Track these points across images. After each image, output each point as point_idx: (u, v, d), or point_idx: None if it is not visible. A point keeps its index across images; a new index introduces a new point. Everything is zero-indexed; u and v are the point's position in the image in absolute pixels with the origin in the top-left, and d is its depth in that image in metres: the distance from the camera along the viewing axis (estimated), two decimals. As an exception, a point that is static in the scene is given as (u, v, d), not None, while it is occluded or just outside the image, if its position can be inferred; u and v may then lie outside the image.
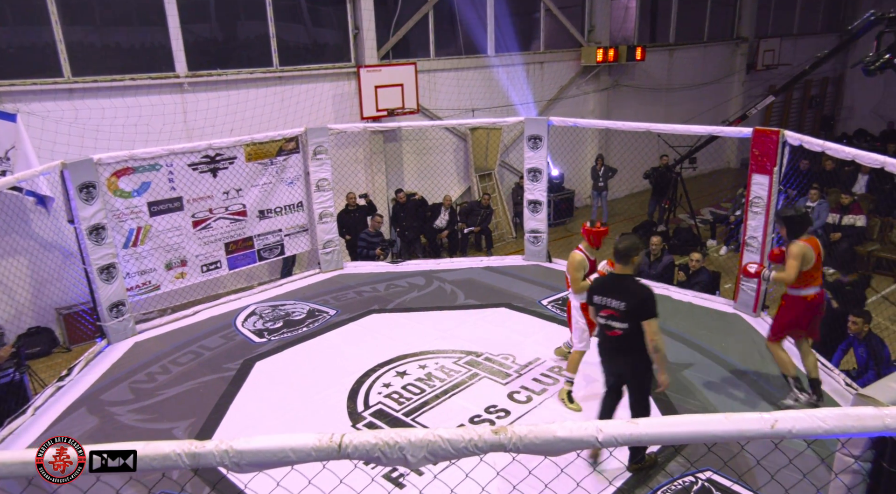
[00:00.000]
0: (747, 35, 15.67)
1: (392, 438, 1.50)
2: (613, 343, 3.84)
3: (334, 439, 1.51)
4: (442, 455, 1.51)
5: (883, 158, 4.38)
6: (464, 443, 1.50)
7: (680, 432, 1.51)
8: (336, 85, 9.40)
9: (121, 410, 4.81)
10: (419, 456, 1.51)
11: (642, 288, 3.71)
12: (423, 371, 5.26)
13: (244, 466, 1.51)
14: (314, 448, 1.50)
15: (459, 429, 1.52)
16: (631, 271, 3.78)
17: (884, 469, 1.55)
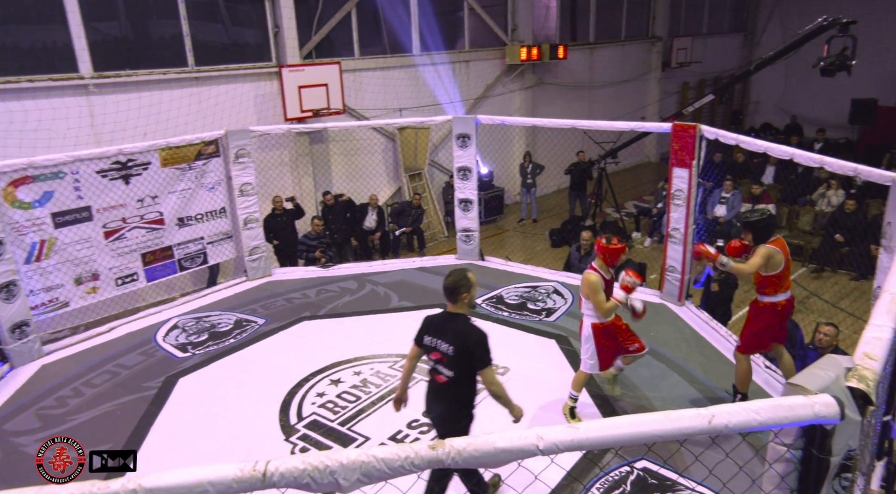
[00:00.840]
0: (661, 34, 16.31)
1: (322, 462, 1.40)
2: (436, 389, 3.40)
3: (258, 468, 1.39)
4: (377, 476, 1.42)
5: (791, 150, 4.60)
6: (399, 462, 1.41)
7: (621, 434, 1.48)
8: (257, 85, 9.07)
9: (26, 440, 4.42)
10: (352, 479, 1.41)
11: (473, 332, 3.22)
12: (358, 377, 5.13)
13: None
14: (235, 479, 1.37)
15: (394, 448, 1.43)
16: (464, 310, 3.31)
17: (813, 455, 1.57)
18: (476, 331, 3.23)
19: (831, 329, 4.84)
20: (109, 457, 2.52)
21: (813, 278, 9.28)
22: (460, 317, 3.30)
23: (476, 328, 3.26)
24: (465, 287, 3.26)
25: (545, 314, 6.24)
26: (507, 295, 6.69)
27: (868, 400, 1.59)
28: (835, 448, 1.55)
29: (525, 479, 3.13)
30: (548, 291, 6.77)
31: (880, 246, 4.15)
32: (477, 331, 3.24)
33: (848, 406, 1.54)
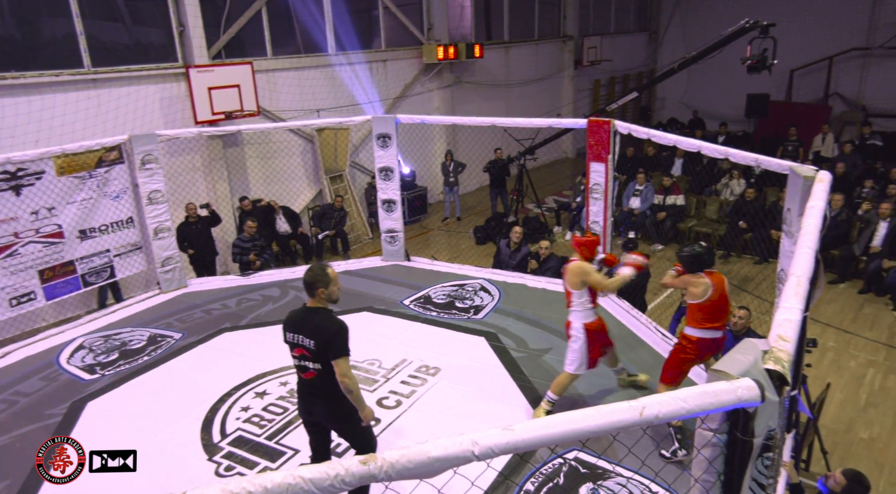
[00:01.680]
0: (572, 33, 16.80)
1: (244, 487, 1.29)
2: (308, 385, 3.41)
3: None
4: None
5: (699, 143, 4.82)
6: (329, 481, 1.33)
7: (556, 433, 1.46)
8: (163, 87, 8.59)
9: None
10: (279, 506, 1.31)
11: (333, 323, 3.26)
12: (284, 388, 4.94)
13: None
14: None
15: (323, 466, 1.34)
16: (323, 304, 3.35)
17: (738, 438, 1.62)
18: (335, 323, 3.28)
19: (744, 312, 5.12)
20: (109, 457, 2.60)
21: (722, 263, 9.81)
22: (320, 311, 3.33)
23: (335, 320, 3.30)
24: (322, 282, 3.29)
25: (473, 311, 6.25)
26: (435, 295, 6.66)
27: (784, 381, 1.65)
28: (757, 430, 1.61)
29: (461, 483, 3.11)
30: (475, 289, 6.80)
31: (781, 231, 4.42)
32: (335, 322, 3.28)
33: (767, 388, 1.59)
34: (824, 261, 9.30)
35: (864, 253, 8.63)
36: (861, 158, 11.59)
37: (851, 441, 5.54)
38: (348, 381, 3.26)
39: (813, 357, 6.88)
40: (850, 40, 16.63)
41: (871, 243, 8.56)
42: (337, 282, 3.36)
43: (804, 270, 2.27)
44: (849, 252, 8.78)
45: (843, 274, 8.84)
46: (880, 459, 5.31)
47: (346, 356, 3.24)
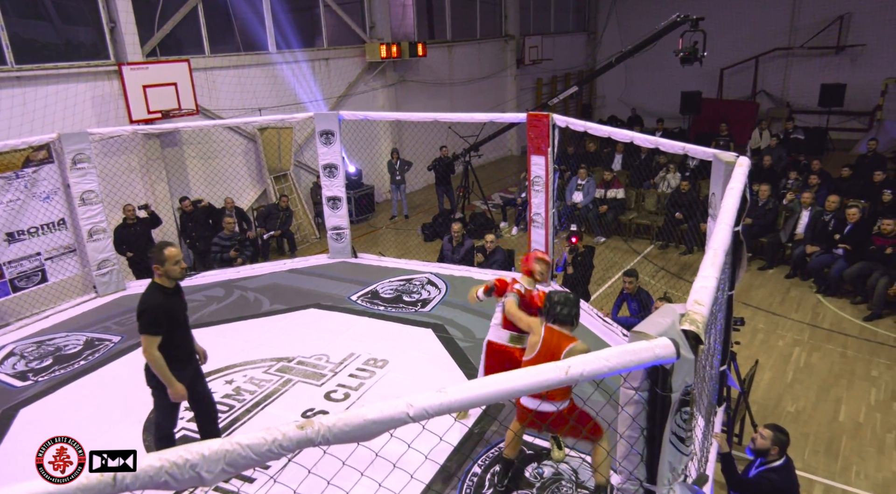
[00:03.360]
0: (514, 33, 17.09)
1: (181, 456, 1.31)
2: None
3: (106, 475, 1.27)
4: (243, 464, 1.36)
5: (631, 134, 5.03)
6: (267, 446, 1.36)
7: (488, 392, 1.53)
8: (94, 85, 8.30)
9: None
10: (216, 471, 1.33)
11: (144, 301, 3.50)
12: (230, 386, 4.88)
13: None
14: (80, 487, 1.25)
15: (260, 432, 1.38)
16: (163, 281, 3.56)
17: (658, 394, 1.74)
18: (145, 301, 3.51)
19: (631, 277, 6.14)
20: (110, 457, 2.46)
21: (660, 254, 10.20)
22: (149, 287, 3.62)
23: (146, 295, 3.54)
24: (157, 260, 3.55)
25: (420, 305, 6.31)
26: (383, 290, 6.69)
27: (699, 340, 1.78)
28: (674, 385, 1.72)
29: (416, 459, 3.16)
30: (422, 283, 6.86)
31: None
32: (146, 301, 3.51)
33: (682, 346, 1.71)
34: (755, 249, 9.79)
35: (789, 240, 9.13)
36: (786, 151, 12.25)
37: (780, 415, 5.87)
38: (147, 357, 3.51)
39: (744, 338, 7.27)
40: (774, 41, 17.54)
41: (796, 230, 9.07)
42: (175, 262, 3.57)
43: (721, 244, 2.42)
44: (776, 239, 9.27)
45: (771, 260, 9.32)
46: (805, 430, 5.65)
47: (146, 334, 3.48)
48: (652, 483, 1.82)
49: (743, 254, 4.04)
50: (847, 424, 5.72)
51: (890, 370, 6.55)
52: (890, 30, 15.98)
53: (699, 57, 8.74)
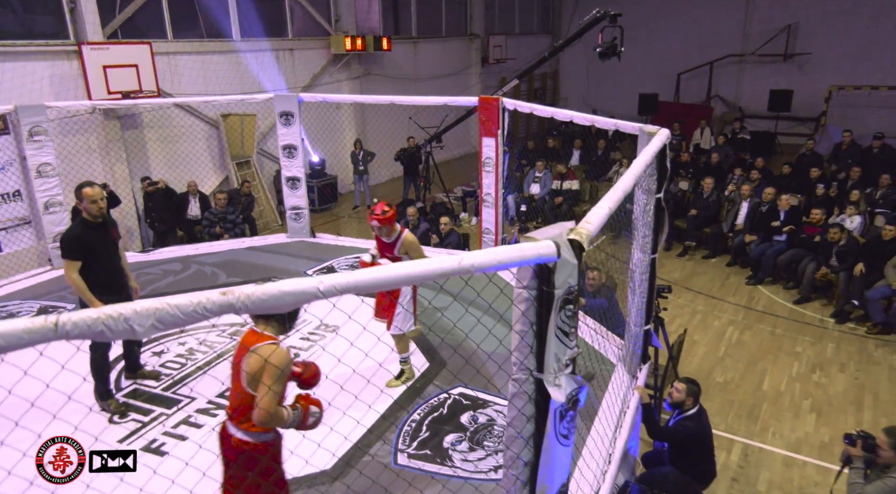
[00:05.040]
0: (478, 32, 17.46)
1: (116, 310, 1.52)
2: None
3: (49, 319, 1.49)
4: (171, 322, 1.57)
5: (571, 113, 5.36)
6: (192, 307, 1.58)
7: (392, 276, 1.78)
8: (53, 64, 8.32)
9: None
10: (146, 325, 1.55)
11: (65, 231, 4.25)
12: (183, 347, 5.04)
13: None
14: (25, 329, 1.46)
15: (189, 295, 1.60)
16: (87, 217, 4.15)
17: (543, 290, 2.01)
18: (67, 229, 4.23)
19: (595, 273, 6.03)
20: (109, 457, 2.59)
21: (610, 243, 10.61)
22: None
23: (70, 226, 4.26)
24: (76, 196, 4.17)
25: (374, 279, 6.54)
26: (338, 266, 6.90)
27: (582, 248, 2.06)
28: (557, 282, 2.00)
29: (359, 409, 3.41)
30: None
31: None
32: (67, 229, 4.22)
33: (564, 248, 1.99)
34: (699, 239, 10.20)
35: (730, 230, 9.63)
36: (732, 150, 12.84)
37: (709, 386, 6.26)
38: (67, 280, 4.06)
39: (683, 319, 7.69)
40: (728, 47, 18.28)
41: (736, 221, 9.57)
42: (92, 202, 4.08)
43: (622, 186, 2.73)
44: (718, 230, 9.76)
45: (714, 249, 9.81)
46: (731, 398, 6.06)
47: (64, 258, 4.05)
48: (540, 371, 2.09)
49: (664, 220, 4.39)
50: (769, 392, 6.14)
51: (813, 346, 7.02)
52: (835, 39, 16.83)
53: (617, 52, 9.20)
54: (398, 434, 4.00)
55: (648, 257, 4.34)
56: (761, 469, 5.04)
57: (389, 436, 3.97)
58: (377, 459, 3.75)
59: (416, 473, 3.64)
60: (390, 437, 3.96)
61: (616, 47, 8.93)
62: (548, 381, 2.08)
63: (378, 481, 3.41)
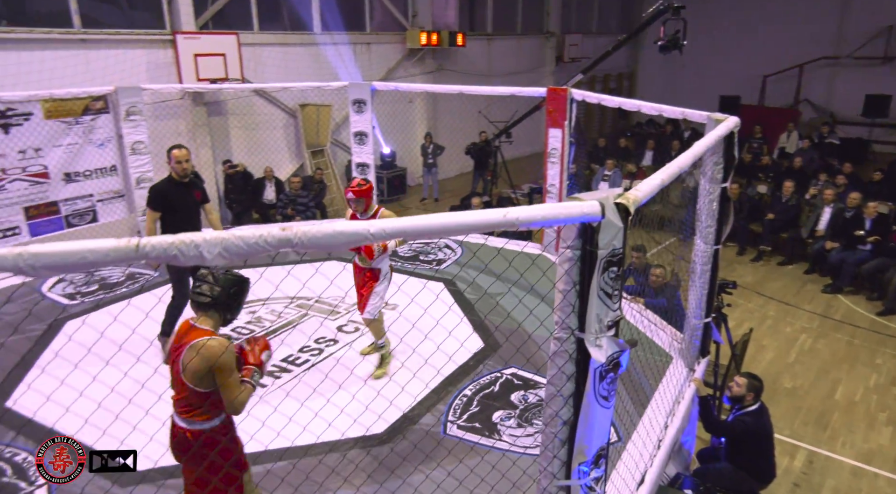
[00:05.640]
0: (555, 30, 17.33)
1: (189, 238, 1.69)
2: None
3: (131, 241, 1.66)
4: (236, 252, 1.73)
5: (639, 103, 5.29)
6: (255, 240, 1.73)
7: (436, 225, 1.87)
8: (150, 52, 8.94)
9: None
10: (214, 253, 1.71)
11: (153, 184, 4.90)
12: (252, 315, 5.34)
13: (39, 269, 1.60)
14: (112, 249, 1.64)
15: (251, 228, 1.75)
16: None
17: (586, 249, 2.05)
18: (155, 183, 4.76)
19: (660, 270, 5.87)
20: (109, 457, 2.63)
21: (680, 245, 10.31)
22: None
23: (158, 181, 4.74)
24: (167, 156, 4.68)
25: (436, 264, 6.67)
26: (401, 250, 7.07)
27: (628, 212, 2.08)
28: (601, 243, 2.03)
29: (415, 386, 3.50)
30: (439, 246, 7.22)
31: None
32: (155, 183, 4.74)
33: (609, 210, 2.02)
34: (775, 245, 9.77)
35: (810, 236, 9.16)
36: (818, 155, 12.19)
37: (776, 390, 6.02)
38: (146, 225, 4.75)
39: (753, 323, 7.40)
40: (820, 49, 17.32)
41: (817, 227, 9.10)
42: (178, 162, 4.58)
43: (679, 162, 2.71)
44: (797, 235, 9.31)
45: (790, 255, 9.36)
46: (798, 404, 5.80)
47: (146, 206, 4.64)
48: (582, 331, 2.13)
49: (729, 211, 4.27)
50: (842, 402, 5.84)
51: (895, 359, 6.61)
52: (941, 40, 15.65)
53: (679, 45, 8.90)
54: (448, 406, 4.10)
55: (711, 248, 4.24)
56: (827, 477, 4.82)
57: (440, 408, 4.07)
58: (428, 428, 3.86)
59: (463, 443, 3.73)
60: (441, 409, 4.06)
61: (678, 40, 8.69)
62: (589, 341, 2.12)
63: (428, 447, 3.53)
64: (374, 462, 3.50)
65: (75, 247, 1.63)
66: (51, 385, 2.79)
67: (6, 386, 4.24)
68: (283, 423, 3.31)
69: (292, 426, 3.31)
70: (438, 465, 3.45)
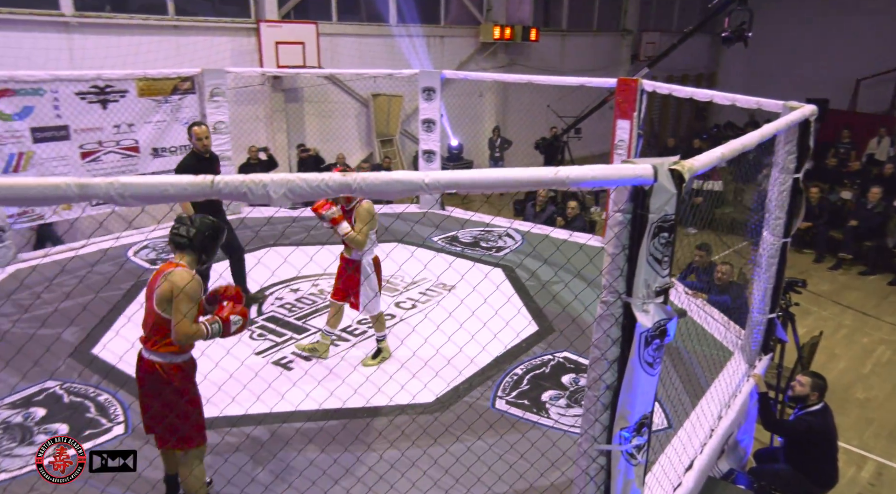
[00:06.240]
0: (632, 28, 16.97)
1: (258, 178, 1.83)
2: None
3: (206, 180, 1.82)
4: (299, 193, 1.85)
5: (711, 93, 5.16)
6: (317, 182, 1.84)
7: (486, 178, 1.93)
8: (235, 40, 9.42)
9: (2, 320, 4.75)
10: (280, 193, 1.84)
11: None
12: (315, 288, 5.57)
13: (127, 198, 1.78)
14: (189, 183, 1.80)
15: (315, 173, 1.87)
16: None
17: (637, 213, 2.06)
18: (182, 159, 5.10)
19: (727, 267, 5.72)
20: (109, 457, 2.67)
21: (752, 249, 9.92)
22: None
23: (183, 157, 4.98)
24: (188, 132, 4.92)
25: (495, 250, 6.73)
26: (462, 236, 7.17)
27: (682, 179, 2.08)
28: (652, 207, 2.03)
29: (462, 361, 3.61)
30: (500, 234, 7.27)
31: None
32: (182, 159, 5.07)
33: (662, 174, 2.02)
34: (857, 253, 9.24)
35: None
36: (913, 162, 11.41)
37: (847, 399, 5.73)
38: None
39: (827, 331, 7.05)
40: (923, 52, 16.18)
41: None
42: (198, 139, 4.84)
43: (743, 140, 2.66)
44: (881, 244, 8.79)
45: (873, 265, 8.85)
46: (871, 415, 5.50)
47: None
48: (629, 295, 2.14)
49: (801, 204, 4.11)
50: (920, 417, 5.50)
51: None
52: None
53: (744, 36, 8.49)
54: (499, 383, 4.15)
55: (779, 241, 4.10)
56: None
57: (490, 384, 4.14)
58: (473, 401, 3.93)
59: (509, 416, 3.78)
60: (491, 384, 4.12)
61: (743, 32, 8.33)
62: (635, 306, 2.13)
63: (472, 419, 3.60)
64: (419, 430, 3.60)
65: (158, 181, 1.80)
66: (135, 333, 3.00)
67: (95, 333, 4.63)
68: (337, 384, 3.46)
69: (345, 388, 3.46)
70: (479, 438, 3.52)
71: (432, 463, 3.18)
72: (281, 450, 3.48)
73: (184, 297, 2.67)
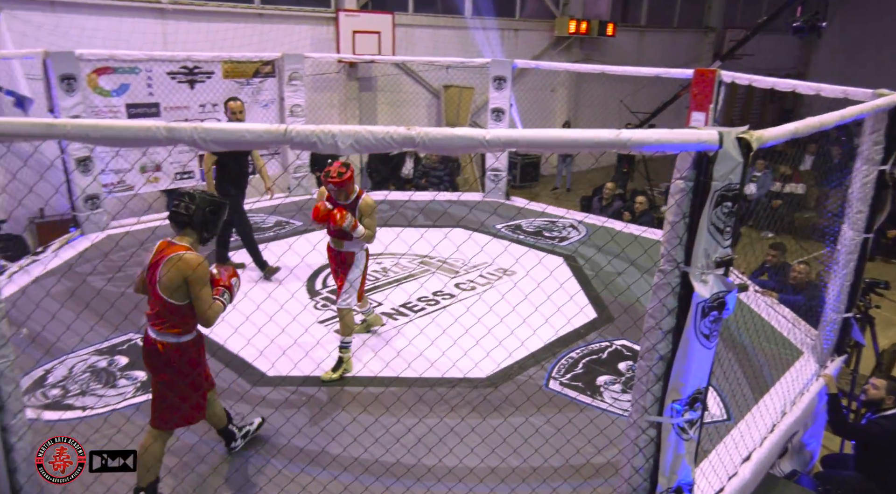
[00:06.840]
0: (715, 25, 16.35)
1: (328, 129, 1.93)
2: None
3: (280, 128, 1.93)
4: (365, 144, 1.94)
5: (794, 82, 4.93)
6: (382, 135, 1.93)
7: (550, 138, 1.96)
8: (315, 28, 9.75)
9: (94, 279, 5.15)
10: (347, 143, 1.93)
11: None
12: (379, 266, 5.72)
13: (209, 142, 1.92)
14: (265, 131, 1.92)
15: (380, 126, 1.95)
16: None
17: (700, 180, 2.03)
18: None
19: (804, 266, 5.50)
20: (109, 457, 2.69)
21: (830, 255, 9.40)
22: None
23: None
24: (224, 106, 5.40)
25: (558, 240, 6.69)
26: (526, 225, 7.17)
27: (749, 148, 2.03)
28: (716, 175, 1.99)
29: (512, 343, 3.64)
30: (564, 225, 7.21)
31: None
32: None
33: (728, 141, 1.98)
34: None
35: None
36: None
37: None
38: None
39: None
40: None
41: None
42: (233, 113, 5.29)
43: (820, 119, 2.56)
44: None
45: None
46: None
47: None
48: (688, 265, 2.11)
49: (886, 198, 3.89)
50: None
51: None
52: None
53: (817, 27, 7.93)
54: (554, 364, 4.15)
55: (860, 236, 3.90)
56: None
57: (546, 365, 4.14)
58: (526, 379, 3.95)
59: (562, 398, 3.78)
60: (546, 365, 4.13)
61: (815, 22, 7.83)
62: (694, 276, 2.10)
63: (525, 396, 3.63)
64: (479, 398, 3.67)
65: (236, 127, 1.93)
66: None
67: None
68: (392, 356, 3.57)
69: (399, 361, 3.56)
70: (538, 410, 3.54)
71: (491, 432, 3.25)
72: (338, 414, 3.61)
73: (200, 284, 2.65)
